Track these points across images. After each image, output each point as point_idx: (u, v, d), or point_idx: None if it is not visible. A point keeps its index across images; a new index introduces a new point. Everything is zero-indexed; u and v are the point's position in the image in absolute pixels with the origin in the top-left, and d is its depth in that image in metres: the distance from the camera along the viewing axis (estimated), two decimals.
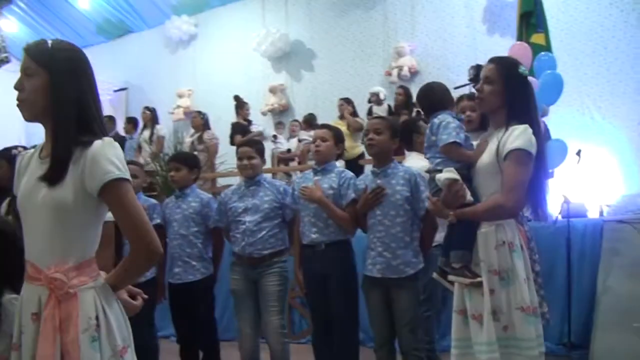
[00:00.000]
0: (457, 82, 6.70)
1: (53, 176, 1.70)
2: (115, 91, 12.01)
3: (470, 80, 6.25)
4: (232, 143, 7.51)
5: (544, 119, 5.50)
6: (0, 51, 9.66)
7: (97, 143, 1.72)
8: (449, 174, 2.48)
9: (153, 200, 4.06)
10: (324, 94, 9.99)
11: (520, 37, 5.80)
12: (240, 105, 8.34)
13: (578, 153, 4.73)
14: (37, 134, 9.87)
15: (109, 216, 2.80)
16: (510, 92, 2.48)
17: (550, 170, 4.95)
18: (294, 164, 8.51)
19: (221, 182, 7.82)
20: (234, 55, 10.95)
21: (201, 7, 11.28)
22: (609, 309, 4.05)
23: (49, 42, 1.81)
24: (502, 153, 2.40)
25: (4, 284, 2.11)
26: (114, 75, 12.08)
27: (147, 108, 8.20)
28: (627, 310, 3.94)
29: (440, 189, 2.53)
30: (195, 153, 6.39)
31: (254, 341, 3.65)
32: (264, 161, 3.83)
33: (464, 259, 2.45)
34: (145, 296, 2.00)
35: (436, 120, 2.68)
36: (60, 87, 1.75)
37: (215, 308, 3.95)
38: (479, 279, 2.38)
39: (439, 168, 2.58)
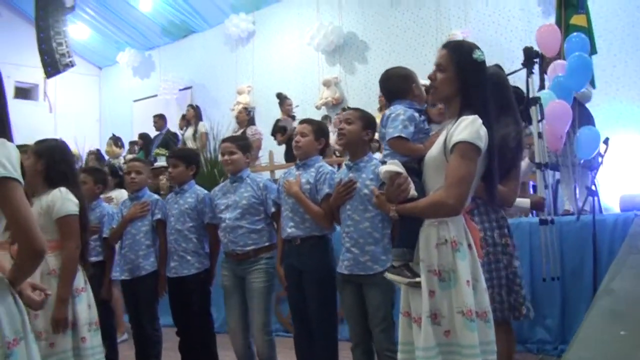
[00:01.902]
0: (512, 68, 6.39)
1: None
2: (181, 90, 12.44)
3: (522, 64, 5.94)
4: (275, 139, 7.59)
5: (587, 104, 5.16)
6: (65, 56, 10.26)
7: None
8: (391, 166, 2.35)
9: (156, 196, 4.17)
10: (377, 86, 9.80)
11: (559, 19, 5.45)
12: (281, 101, 8.39)
13: (606, 141, 4.38)
14: (108, 132, 10.48)
15: (72, 210, 2.91)
16: (463, 80, 2.29)
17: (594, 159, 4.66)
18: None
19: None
20: (290, 50, 11.07)
21: (258, 4, 11.46)
22: (601, 313, 3.64)
23: None
24: (449, 145, 2.23)
25: None
26: (179, 74, 12.57)
27: (190, 106, 8.46)
28: (620, 314, 3.51)
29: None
30: None
31: (242, 335, 3.68)
32: (251, 157, 3.82)
33: (404, 257, 2.32)
34: (49, 292, 2.05)
35: (387, 112, 2.57)
36: None
37: (211, 302, 4.00)
38: (417, 279, 2.24)
39: (384, 161, 2.47)
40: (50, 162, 3.02)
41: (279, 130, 7.73)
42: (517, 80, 4.58)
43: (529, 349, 4.28)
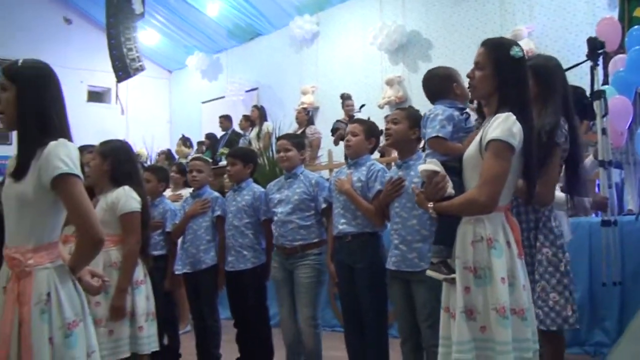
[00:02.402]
0: (578, 62, 6.21)
1: (16, 173, 2.01)
2: (247, 91, 12.74)
3: (587, 56, 5.76)
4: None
5: None
6: (135, 61, 10.73)
7: (52, 144, 1.98)
8: (428, 165, 2.40)
9: (216, 194, 4.36)
10: None
11: (622, 12, 5.28)
12: (343, 102, 8.50)
13: None
14: (178, 132, 10.85)
15: (134, 207, 3.12)
16: (501, 77, 2.30)
17: None
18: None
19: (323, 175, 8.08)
20: (353, 50, 11.14)
21: (322, 5, 11.58)
22: None
23: (20, 61, 2.09)
24: (483, 143, 2.25)
25: None
26: (246, 76, 12.89)
27: (255, 106, 8.69)
28: None
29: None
30: None
31: (292, 326, 3.81)
32: (308, 155, 3.94)
33: (441, 254, 2.37)
34: (107, 279, 2.22)
35: (427, 112, 2.61)
36: (24, 99, 2.02)
37: (267, 295, 4.14)
38: (452, 276, 2.29)
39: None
40: (115, 162, 3.23)
41: (334, 130, 7.86)
42: (585, 75, 4.43)
43: (586, 351, 4.19)
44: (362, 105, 9.19)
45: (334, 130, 8.01)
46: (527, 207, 2.69)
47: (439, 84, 2.76)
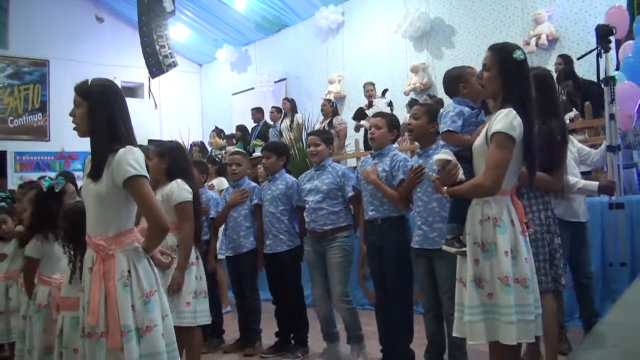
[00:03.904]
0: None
1: (93, 175, 2.42)
2: (276, 82, 13.08)
3: (597, 44, 5.94)
4: None
5: None
6: (168, 57, 11.14)
7: (121, 151, 2.39)
8: (442, 155, 2.77)
9: (254, 184, 4.81)
10: None
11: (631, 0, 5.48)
12: (365, 88, 8.80)
13: None
14: (210, 124, 11.23)
15: (187, 198, 3.51)
16: (505, 78, 2.64)
17: None
18: None
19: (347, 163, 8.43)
20: (378, 39, 11.37)
21: None
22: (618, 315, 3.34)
23: (90, 80, 2.49)
24: (489, 136, 2.60)
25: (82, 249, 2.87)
26: (274, 67, 13.23)
27: (287, 99, 9.05)
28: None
29: None
30: None
31: (325, 303, 4.22)
32: (335, 147, 4.31)
33: (454, 232, 2.73)
34: (174, 256, 2.64)
35: (441, 110, 2.95)
36: (96, 114, 2.42)
37: (301, 275, 4.58)
38: (464, 249, 2.64)
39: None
40: (172, 160, 3.64)
41: (356, 118, 8.24)
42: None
43: None
44: (385, 90, 9.50)
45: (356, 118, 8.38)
46: (535, 192, 3.03)
47: (449, 84, 3.12)
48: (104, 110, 2.44)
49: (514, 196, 2.68)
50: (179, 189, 3.53)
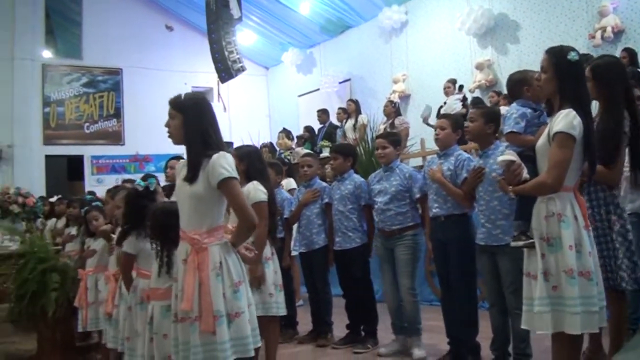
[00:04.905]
0: None
1: (190, 177, 2.72)
2: (340, 83, 13.33)
3: None
4: None
5: None
6: (237, 62, 11.58)
7: (214, 156, 2.70)
8: (506, 156, 2.92)
9: (324, 184, 5.09)
10: (530, 65, 9.76)
11: None
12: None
13: None
14: (277, 126, 11.58)
15: (262, 198, 3.80)
16: (560, 79, 2.77)
17: None
18: None
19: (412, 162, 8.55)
20: (442, 36, 11.40)
21: None
22: None
23: (182, 94, 2.80)
24: (551, 135, 2.74)
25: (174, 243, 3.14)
26: (339, 68, 13.49)
27: (351, 100, 9.27)
28: None
29: None
30: None
31: (394, 295, 4.44)
32: (399, 149, 4.53)
33: (520, 228, 2.89)
34: (256, 251, 2.94)
35: (504, 112, 3.09)
36: (190, 124, 2.73)
37: (370, 270, 4.81)
38: (531, 241, 2.78)
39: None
40: (250, 163, 3.93)
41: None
42: None
43: None
44: (461, 86, 9.59)
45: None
46: (596, 187, 3.13)
47: (512, 87, 3.26)
48: (196, 121, 2.74)
49: (576, 192, 2.80)
50: (255, 190, 3.79)
